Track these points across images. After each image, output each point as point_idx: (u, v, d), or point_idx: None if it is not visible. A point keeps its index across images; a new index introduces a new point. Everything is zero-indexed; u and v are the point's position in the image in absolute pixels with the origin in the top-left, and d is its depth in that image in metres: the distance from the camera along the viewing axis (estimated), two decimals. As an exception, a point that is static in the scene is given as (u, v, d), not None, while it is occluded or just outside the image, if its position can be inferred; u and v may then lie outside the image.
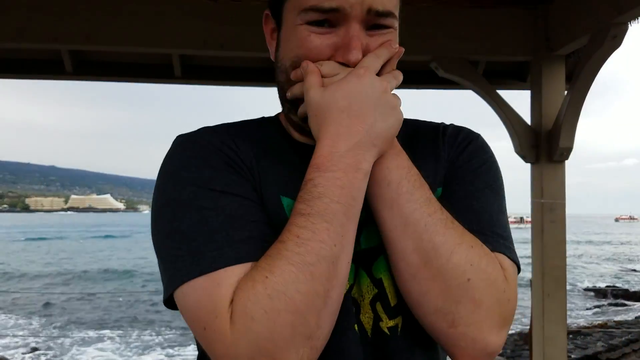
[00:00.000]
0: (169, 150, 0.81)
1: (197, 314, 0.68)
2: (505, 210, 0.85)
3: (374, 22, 0.75)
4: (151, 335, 14.04)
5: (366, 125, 0.71)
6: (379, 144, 0.73)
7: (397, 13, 0.78)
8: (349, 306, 0.76)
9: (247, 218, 0.73)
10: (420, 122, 0.93)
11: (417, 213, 0.73)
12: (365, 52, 0.75)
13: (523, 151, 2.96)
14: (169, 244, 0.73)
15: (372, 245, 0.80)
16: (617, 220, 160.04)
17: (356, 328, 0.77)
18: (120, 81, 3.32)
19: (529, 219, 3.10)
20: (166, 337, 13.75)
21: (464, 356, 0.74)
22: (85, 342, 13.25)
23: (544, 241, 2.88)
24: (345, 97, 0.71)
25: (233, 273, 0.67)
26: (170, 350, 12.35)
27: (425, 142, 0.88)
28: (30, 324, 15.86)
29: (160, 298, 0.76)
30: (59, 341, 13.31)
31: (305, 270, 0.65)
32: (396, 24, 0.78)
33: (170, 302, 0.74)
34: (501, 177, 0.88)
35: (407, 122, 0.81)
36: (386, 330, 0.78)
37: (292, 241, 0.66)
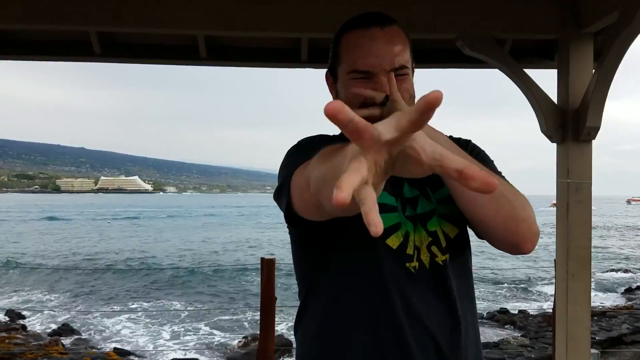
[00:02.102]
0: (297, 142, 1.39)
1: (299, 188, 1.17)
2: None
3: (394, 72, 1.24)
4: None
5: None
6: None
7: (410, 64, 1.28)
8: (405, 247, 1.27)
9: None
10: None
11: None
12: None
13: (549, 131, 2.92)
14: (285, 170, 1.26)
15: (426, 211, 1.31)
16: (629, 202, 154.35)
17: (411, 266, 1.27)
18: (147, 62, 3.36)
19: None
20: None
21: (526, 241, 1.22)
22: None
23: (570, 221, 2.85)
24: None
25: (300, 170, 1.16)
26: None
27: None
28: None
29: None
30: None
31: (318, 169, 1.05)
32: (409, 70, 1.28)
33: (289, 215, 1.19)
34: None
35: None
36: (441, 263, 1.28)
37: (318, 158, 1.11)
